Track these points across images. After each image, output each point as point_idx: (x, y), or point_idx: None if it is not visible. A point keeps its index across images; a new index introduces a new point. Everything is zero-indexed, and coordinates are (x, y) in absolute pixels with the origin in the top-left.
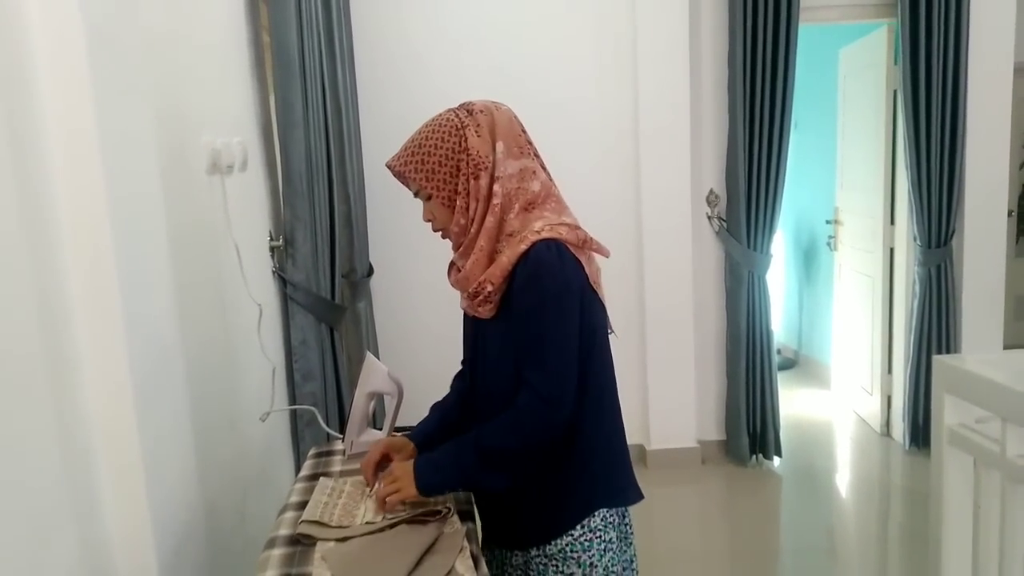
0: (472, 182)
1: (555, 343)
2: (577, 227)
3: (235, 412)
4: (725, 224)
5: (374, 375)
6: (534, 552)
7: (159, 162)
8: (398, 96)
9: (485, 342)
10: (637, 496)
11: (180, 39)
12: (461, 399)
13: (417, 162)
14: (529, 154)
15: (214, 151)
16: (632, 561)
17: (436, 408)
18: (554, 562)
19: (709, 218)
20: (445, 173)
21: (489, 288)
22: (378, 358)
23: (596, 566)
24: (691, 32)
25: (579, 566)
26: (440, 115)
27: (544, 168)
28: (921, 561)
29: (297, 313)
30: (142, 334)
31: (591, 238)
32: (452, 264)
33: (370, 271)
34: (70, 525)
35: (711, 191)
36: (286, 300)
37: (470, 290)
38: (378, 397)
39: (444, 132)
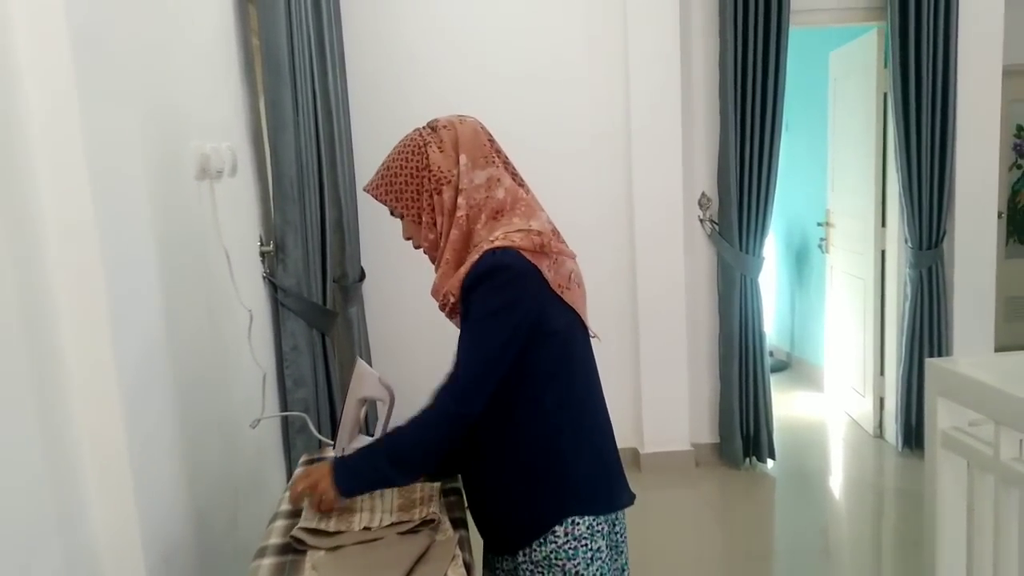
0: (436, 197)
1: (478, 344)
2: (538, 232)
3: (226, 419)
4: (717, 227)
5: (365, 381)
6: (520, 558)
7: (147, 167)
8: (390, 99)
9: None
10: (624, 500)
11: (168, 43)
12: None
13: (386, 185)
14: (495, 163)
15: (203, 156)
16: (624, 570)
17: None
18: (540, 568)
19: (701, 221)
20: (411, 192)
21: (452, 299)
22: (370, 364)
23: (582, 575)
24: (682, 35)
25: (564, 573)
26: (407, 135)
27: (515, 175)
28: (915, 564)
29: (288, 319)
30: (130, 340)
31: (549, 242)
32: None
33: (362, 276)
34: (56, 534)
35: (703, 194)
36: (277, 306)
37: (439, 302)
38: (370, 403)
39: (408, 152)
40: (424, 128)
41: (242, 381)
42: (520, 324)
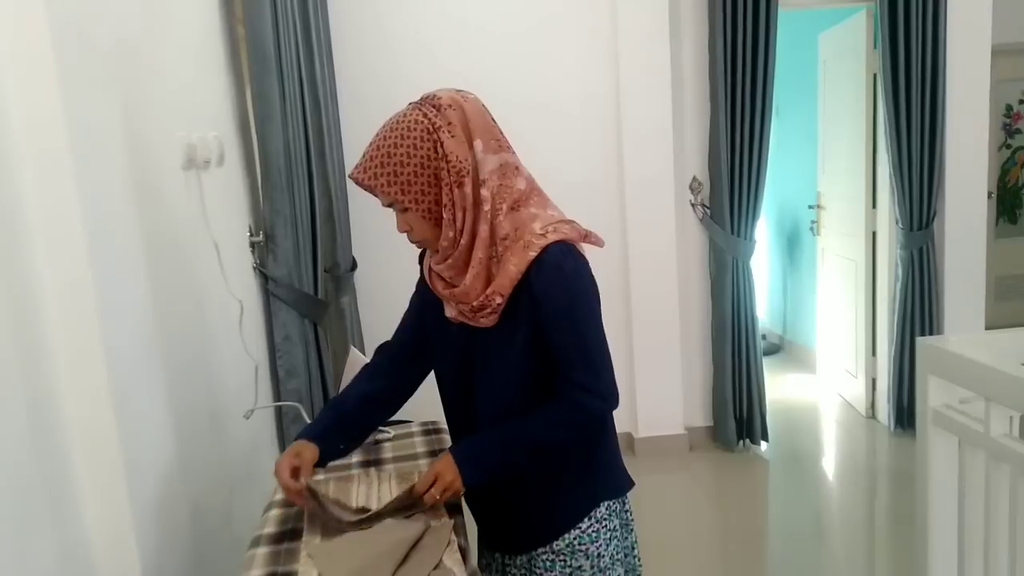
0: (456, 191)
1: (595, 342)
2: (573, 221)
3: (218, 410)
4: (709, 211)
5: (359, 370)
6: (540, 550)
7: (132, 158)
8: (378, 87)
9: (485, 351)
10: (631, 483)
11: (152, 33)
12: (363, 400)
13: (389, 174)
14: (506, 147)
15: (189, 146)
16: (633, 547)
17: (334, 405)
18: (562, 556)
19: (693, 205)
20: (423, 183)
21: (498, 300)
22: (363, 353)
23: (603, 556)
24: (671, 19)
25: (587, 558)
26: (405, 115)
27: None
28: (908, 541)
29: (280, 309)
30: (119, 333)
31: (589, 231)
32: (431, 272)
33: (353, 265)
34: (49, 528)
35: (694, 178)
36: (268, 296)
37: (474, 304)
38: None
39: (416, 137)
40: (425, 107)
41: (234, 372)
42: (600, 312)
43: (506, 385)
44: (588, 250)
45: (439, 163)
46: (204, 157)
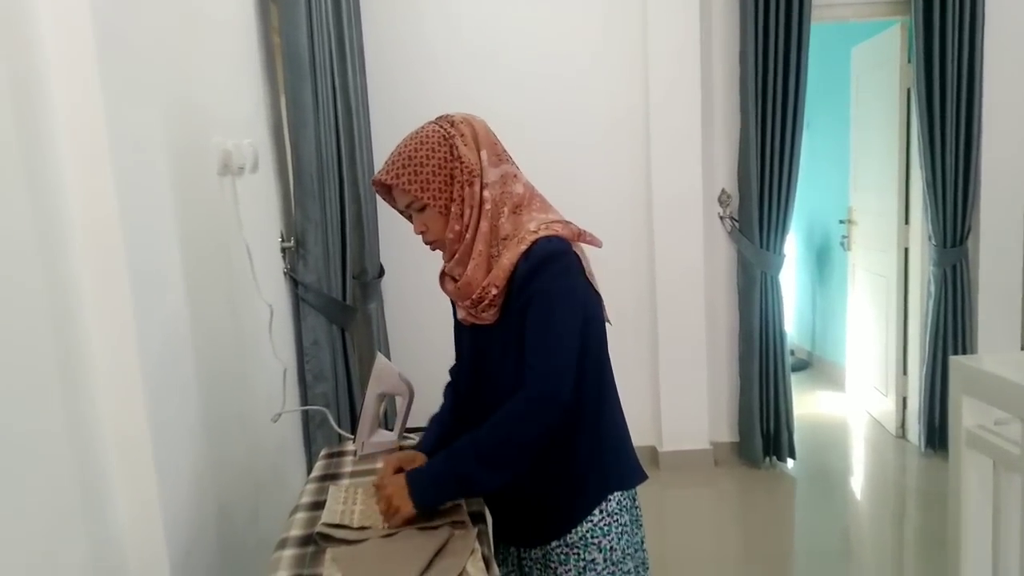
0: (467, 189)
1: (558, 332)
2: (568, 222)
3: (247, 413)
4: (737, 224)
5: (385, 376)
6: (554, 543)
7: (170, 164)
8: (409, 96)
9: (490, 348)
10: (643, 476)
11: (190, 41)
12: (455, 408)
13: (410, 173)
14: (506, 160)
15: (225, 152)
16: (642, 542)
17: (434, 420)
18: (575, 550)
19: (721, 218)
20: (440, 182)
21: (494, 292)
22: (389, 359)
23: (615, 549)
24: (702, 31)
25: (600, 551)
26: (423, 128)
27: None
28: (938, 565)
29: (308, 314)
30: (153, 335)
31: (584, 231)
32: (443, 275)
33: (381, 272)
34: (81, 524)
35: (723, 191)
36: (297, 301)
37: (473, 296)
38: (389, 398)
39: (433, 143)
40: (440, 122)
41: (263, 376)
42: (582, 308)
43: (506, 378)
44: (607, 257)
45: (454, 163)
46: (239, 163)
